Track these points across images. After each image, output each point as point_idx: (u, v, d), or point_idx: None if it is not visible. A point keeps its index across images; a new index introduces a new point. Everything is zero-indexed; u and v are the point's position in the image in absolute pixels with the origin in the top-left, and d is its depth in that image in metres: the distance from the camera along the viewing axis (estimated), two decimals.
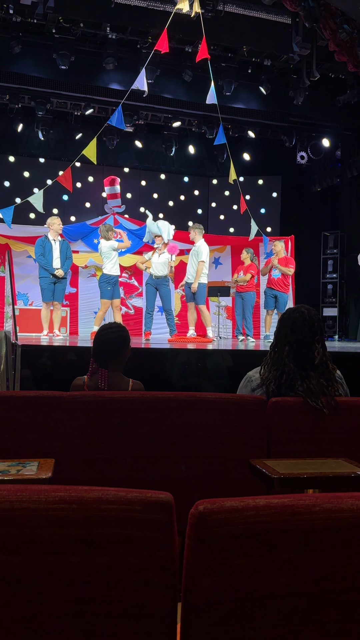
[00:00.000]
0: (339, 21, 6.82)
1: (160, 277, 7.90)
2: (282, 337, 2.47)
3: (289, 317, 2.47)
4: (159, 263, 7.93)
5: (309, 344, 2.41)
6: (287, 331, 2.44)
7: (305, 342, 2.41)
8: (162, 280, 7.93)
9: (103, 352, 2.83)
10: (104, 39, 8.50)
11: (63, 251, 7.74)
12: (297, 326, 2.43)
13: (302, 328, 2.42)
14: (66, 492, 0.98)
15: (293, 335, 2.42)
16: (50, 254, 7.64)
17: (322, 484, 1.78)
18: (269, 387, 2.44)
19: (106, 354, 2.82)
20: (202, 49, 7.00)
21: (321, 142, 11.00)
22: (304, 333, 2.42)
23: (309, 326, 2.43)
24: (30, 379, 5.00)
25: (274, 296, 8.62)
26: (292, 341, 2.42)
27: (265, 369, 2.49)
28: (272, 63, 9.06)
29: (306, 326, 2.43)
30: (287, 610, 1.02)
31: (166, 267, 7.95)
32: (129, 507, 0.98)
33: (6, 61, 8.51)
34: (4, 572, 0.98)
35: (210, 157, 11.68)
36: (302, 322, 2.44)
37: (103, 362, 2.81)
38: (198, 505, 0.99)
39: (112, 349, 2.84)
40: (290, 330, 2.43)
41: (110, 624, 1.01)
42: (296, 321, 2.44)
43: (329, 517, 1.00)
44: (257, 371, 2.56)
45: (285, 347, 2.43)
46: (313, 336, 2.42)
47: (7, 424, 2.28)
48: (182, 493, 1.38)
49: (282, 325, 2.49)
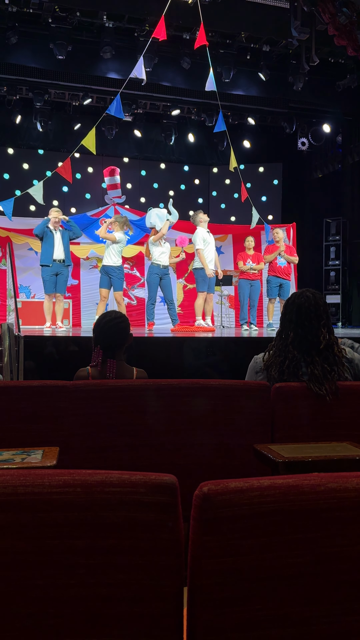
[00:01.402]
0: (337, 4, 6.74)
1: (166, 266, 7.94)
2: (287, 324, 2.45)
3: (294, 302, 2.45)
4: (166, 252, 7.97)
5: (315, 330, 2.39)
6: (293, 317, 2.42)
7: (311, 328, 2.39)
8: (167, 270, 7.96)
9: (111, 343, 2.80)
10: (100, 27, 8.43)
11: (65, 242, 7.72)
12: (303, 311, 2.41)
13: (308, 313, 2.40)
14: (70, 476, 0.98)
15: (299, 321, 2.40)
16: (52, 245, 7.61)
17: (326, 468, 1.78)
18: (270, 372, 2.44)
19: (114, 344, 2.80)
20: (200, 35, 6.94)
21: (322, 128, 10.93)
22: (309, 318, 2.40)
23: (314, 311, 2.41)
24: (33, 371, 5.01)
25: (278, 284, 8.61)
26: (297, 327, 2.40)
27: (269, 354, 2.50)
28: (270, 49, 8.98)
29: (312, 311, 2.41)
30: (294, 591, 1.02)
31: (166, 257, 7.96)
32: (133, 489, 0.98)
33: (3, 52, 8.46)
34: (9, 557, 0.98)
35: (210, 145, 11.62)
36: (308, 306, 2.41)
37: (111, 353, 2.79)
38: (202, 486, 0.99)
39: (119, 339, 2.82)
40: (296, 316, 2.41)
41: (117, 607, 1.01)
42: (301, 306, 2.42)
43: (334, 497, 1.00)
44: (260, 356, 2.56)
45: (290, 333, 2.41)
46: (319, 321, 2.40)
47: (11, 414, 2.28)
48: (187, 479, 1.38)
49: (288, 311, 2.47)
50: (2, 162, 10.79)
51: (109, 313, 2.94)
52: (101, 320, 2.87)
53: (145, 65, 7.31)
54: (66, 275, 7.82)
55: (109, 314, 2.92)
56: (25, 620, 0.99)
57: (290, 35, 7.32)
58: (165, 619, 1.02)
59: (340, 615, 1.02)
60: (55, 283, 7.64)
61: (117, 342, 2.81)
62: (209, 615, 1.00)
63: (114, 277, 7.92)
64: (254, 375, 2.55)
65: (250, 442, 2.05)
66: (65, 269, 7.72)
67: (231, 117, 10.64)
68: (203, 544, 0.98)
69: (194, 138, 11.37)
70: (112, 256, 7.87)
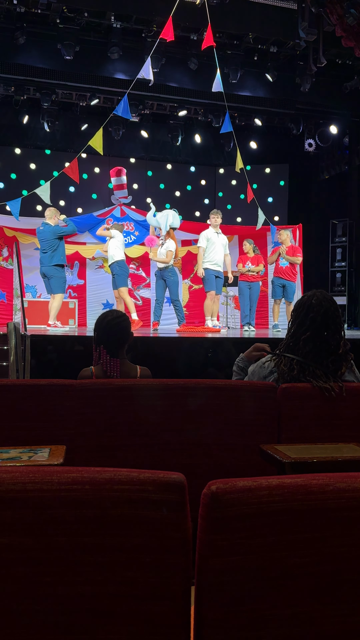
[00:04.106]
0: (345, 6, 6.73)
1: (162, 268, 7.91)
2: (308, 323, 2.42)
3: (320, 303, 2.43)
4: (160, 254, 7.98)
5: (334, 332, 2.41)
6: (316, 317, 2.40)
7: (332, 329, 2.41)
8: (166, 271, 7.93)
9: (115, 342, 2.80)
10: (108, 28, 8.45)
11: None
12: (330, 315, 2.41)
13: (334, 318, 2.42)
14: (78, 473, 0.98)
15: (324, 323, 2.40)
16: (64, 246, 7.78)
17: (333, 469, 1.77)
18: (284, 373, 2.43)
19: (117, 342, 2.81)
20: (207, 36, 6.95)
21: (329, 129, 10.90)
22: (333, 319, 2.41)
23: (338, 316, 2.44)
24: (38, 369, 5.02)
25: (282, 285, 8.62)
26: (318, 325, 2.40)
27: (282, 357, 2.47)
28: (278, 50, 8.97)
29: (336, 316, 2.43)
30: (301, 591, 1.02)
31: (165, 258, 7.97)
32: (141, 487, 0.98)
33: (11, 53, 8.48)
34: (17, 554, 0.98)
35: (216, 146, 11.62)
36: (334, 310, 2.43)
37: (114, 351, 2.79)
38: (211, 485, 0.99)
39: (122, 338, 2.83)
40: (322, 318, 2.40)
41: (124, 605, 1.01)
42: (328, 310, 2.42)
43: (343, 497, 1.00)
44: (268, 358, 2.54)
45: (307, 332, 2.40)
46: (339, 325, 2.43)
47: (18, 412, 2.28)
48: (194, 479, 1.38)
49: (312, 310, 2.43)
50: (10, 162, 10.82)
51: (110, 312, 2.94)
52: (102, 320, 2.86)
53: (152, 66, 7.32)
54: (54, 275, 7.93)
55: (110, 313, 2.92)
56: (33, 617, 0.99)
57: (298, 37, 7.30)
58: (172, 617, 1.02)
59: (348, 615, 1.02)
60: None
61: (120, 340, 2.82)
62: (216, 614, 1.00)
63: (114, 273, 8.03)
64: (262, 378, 2.53)
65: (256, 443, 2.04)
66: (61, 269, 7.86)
67: (238, 118, 10.64)
68: (211, 542, 0.98)
69: (201, 139, 11.37)
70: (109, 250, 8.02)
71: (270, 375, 2.50)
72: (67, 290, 10.02)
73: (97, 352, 2.79)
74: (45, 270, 7.54)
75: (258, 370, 2.55)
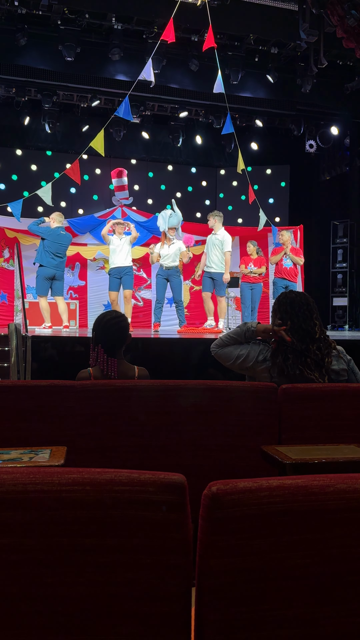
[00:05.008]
0: (346, 7, 6.73)
1: (171, 267, 7.89)
2: (283, 315, 2.63)
3: (287, 296, 2.69)
4: (170, 254, 7.92)
5: (308, 320, 2.59)
6: (287, 308, 2.63)
7: (305, 318, 2.60)
8: (173, 271, 7.92)
9: (112, 341, 2.82)
10: (109, 29, 8.45)
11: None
12: (296, 303, 2.63)
13: (301, 305, 2.63)
14: (79, 474, 0.98)
15: (294, 312, 2.60)
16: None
17: (334, 470, 1.78)
18: (279, 363, 2.55)
19: (115, 342, 2.82)
20: (208, 37, 6.95)
21: (330, 130, 10.90)
22: (302, 309, 2.62)
23: (306, 304, 2.64)
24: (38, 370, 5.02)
25: (285, 286, 8.61)
26: (293, 317, 2.60)
27: (278, 348, 2.59)
28: (279, 51, 8.98)
29: (304, 303, 2.64)
30: (302, 591, 1.02)
31: (177, 258, 7.94)
32: (142, 488, 0.98)
33: (12, 54, 8.49)
34: (18, 555, 0.99)
35: (217, 147, 11.62)
36: (300, 300, 2.65)
37: (112, 351, 2.81)
38: (211, 486, 0.99)
39: (121, 338, 2.84)
40: (290, 307, 2.62)
41: (125, 606, 1.01)
42: (294, 299, 2.65)
43: (343, 498, 1.00)
44: (268, 347, 2.67)
45: (288, 322, 2.59)
46: (311, 313, 2.62)
47: (19, 413, 2.29)
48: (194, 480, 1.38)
49: (282, 304, 2.67)
50: (11, 163, 10.83)
51: (109, 312, 2.96)
52: (101, 320, 2.88)
53: (153, 67, 7.32)
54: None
55: (109, 313, 2.95)
56: (34, 617, 0.99)
57: (299, 38, 7.30)
58: (173, 618, 1.02)
59: (348, 616, 1.02)
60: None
61: (118, 340, 2.83)
62: (216, 615, 1.00)
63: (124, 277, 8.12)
64: (254, 361, 2.63)
65: (257, 444, 2.05)
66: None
67: (239, 119, 10.64)
68: (211, 543, 0.99)
69: (202, 140, 11.37)
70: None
71: (263, 362, 2.62)
72: (68, 292, 10.04)
73: (94, 351, 2.81)
74: (58, 274, 7.66)
75: (257, 353, 2.65)
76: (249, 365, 2.63)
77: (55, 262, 7.57)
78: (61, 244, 7.66)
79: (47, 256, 7.55)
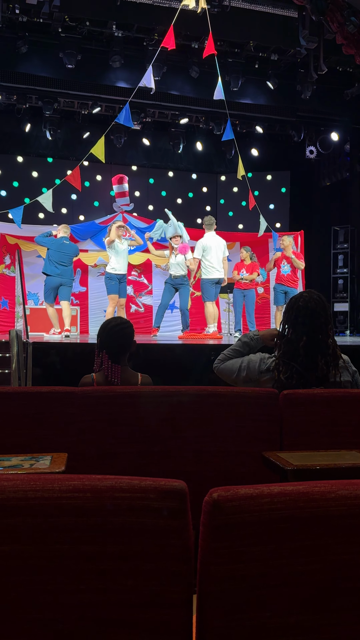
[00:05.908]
0: (345, 14, 6.77)
1: (178, 277, 7.97)
2: (299, 327, 2.46)
3: (307, 306, 2.47)
4: (176, 264, 7.99)
5: (324, 331, 2.45)
6: (306, 320, 2.45)
7: (321, 329, 2.44)
8: (181, 280, 7.99)
9: (118, 348, 2.81)
10: (110, 37, 8.50)
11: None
12: (316, 316, 2.45)
13: (319, 317, 2.45)
14: (80, 481, 0.98)
15: (312, 325, 2.44)
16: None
17: (336, 476, 1.77)
18: (278, 373, 2.46)
19: (119, 348, 2.81)
20: (208, 44, 6.99)
21: (330, 136, 10.94)
22: (320, 320, 2.45)
23: (324, 315, 2.46)
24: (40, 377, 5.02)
25: (284, 292, 8.62)
26: (311, 331, 2.43)
27: (281, 363, 2.49)
28: (279, 57, 9.02)
29: (322, 315, 2.46)
30: (304, 598, 1.01)
31: (183, 267, 8.00)
32: (142, 495, 0.97)
33: (13, 61, 8.54)
34: (19, 562, 0.98)
35: (218, 154, 11.66)
36: (320, 310, 2.46)
37: (116, 358, 2.80)
38: (212, 492, 0.98)
39: (125, 344, 2.84)
40: (310, 320, 2.44)
41: (126, 613, 1.01)
42: (314, 310, 2.45)
43: (345, 504, 0.99)
44: (271, 356, 2.58)
45: (303, 337, 2.43)
46: (327, 324, 2.46)
47: (20, 420, 2.28)
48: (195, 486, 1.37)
49: (300, 314, 2.47)
50: (12, 170, 10.86)
51: (114, 319, 2.96)
52: (107, 326, 2.88)
53: (154, 74, 7.36)
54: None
55: (114, 319, 2.95)
56: (35, 625, 0.99)
57: (299, 44, 7.35)
58: (174, 625, 1.01)
59: (352, 624, 1.01)
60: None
61: (122, 346, 2.83)
62: (218, 622, 1.00)
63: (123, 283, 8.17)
64: (257, 372, 2.55)
65: (258, 450, 2.04)
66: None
67: (239, 125, 10.68)
68: (212, 550, 0.98)
69: (202, 146, 11.41)
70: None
71: (266, 372, 2.52)
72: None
73: (99, 357, 2.80)
74: (64, 281, 7.78)
75: (258, 362, 2.57)
76: (252, 376, 2.57)
77: (58, 271, 7.69)
78: (64, 252, 7.78)
79: (51, 265, 7.71)
